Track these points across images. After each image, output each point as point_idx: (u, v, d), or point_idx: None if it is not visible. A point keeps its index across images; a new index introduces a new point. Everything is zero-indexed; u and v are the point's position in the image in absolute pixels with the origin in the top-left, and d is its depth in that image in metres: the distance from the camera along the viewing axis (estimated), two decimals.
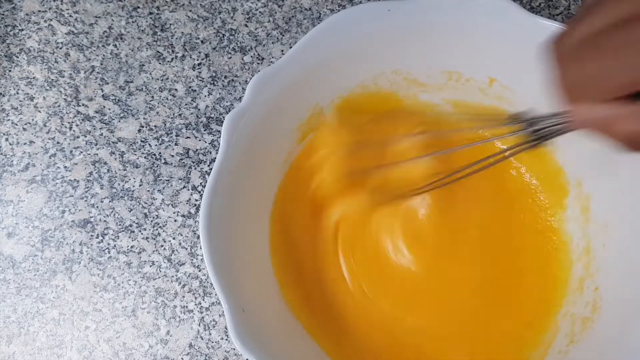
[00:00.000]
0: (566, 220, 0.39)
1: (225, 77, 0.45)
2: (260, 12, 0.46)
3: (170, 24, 0.46)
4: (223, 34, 0.46)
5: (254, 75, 0.35)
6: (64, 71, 0.45)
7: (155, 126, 0.44)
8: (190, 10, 0.46)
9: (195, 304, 0.40)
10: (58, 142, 0.44)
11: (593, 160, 0.36)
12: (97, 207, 0.42)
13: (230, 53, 0.45)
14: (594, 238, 0.37)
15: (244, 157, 0.35)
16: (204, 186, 0.42)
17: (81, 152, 0.43)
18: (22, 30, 0.46)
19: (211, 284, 0.40)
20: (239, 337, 0.30)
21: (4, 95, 0.45)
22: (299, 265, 0.40)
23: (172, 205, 0.42)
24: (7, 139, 0.44)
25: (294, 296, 0.38)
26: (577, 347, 0.34)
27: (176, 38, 0.46)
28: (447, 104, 0.42)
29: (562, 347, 0.35)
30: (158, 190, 0.42)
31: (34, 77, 0.45)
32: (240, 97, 0.44)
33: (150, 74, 0.45)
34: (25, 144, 0.44)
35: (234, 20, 0.46)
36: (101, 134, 0.44)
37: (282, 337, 0.35)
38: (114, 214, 0.42)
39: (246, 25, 0.46)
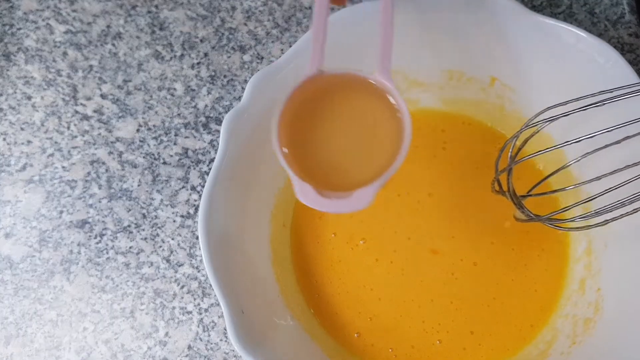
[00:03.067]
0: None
1: (225, 76, 0.45)
2: (259, 10, 0.46)
3: (169, 23, 0.46)
4: (222, 33, 0.46)
5: (254, 75, 0.35)
6: (62, 70, 0.45)
7: (153, 126, 0.44)
8: (189, 9, 0.46)
9: (194, 305, 0.40)
10: (56, 142, 0.43)
11: (594, 161, 0.36)
12: (95, 207, 0.42)
13: (229, 52, 0.45)
14: (596, 239, 0.37)
15: (243, 156, 0.35)
16: (203, 186, 0.42)
17: (79, 152, 0.43)
18: (20, 29, 0.46)
19: (210, 285, 0.40)
20: (238, 339, 0.30)
21: (1, 95, 0.44)
22: (299, 266, 0.40)
23: (170, 205, 0.42)
24: (4, 139, 0.43)
25: (294, 297, 0.38)
26: (579, 349, 0.34)
27: (175, 37, 0.46)
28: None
29: (564, 348, 0.35)
30: (157, 191, 0.42)
31: (31, 77, 0.45)
32: (239, 97, 0.44)
33: (149, 73, 0.45)
34: (22, 143, 0.43)
35: (233, 19, 0.46)
36: (99, 134, 0.44)
37: (281, 339, 0.35)
38: (112, 215, 0.42)
39: (245, 24, 0.46)
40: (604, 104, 0.30)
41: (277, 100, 0.29)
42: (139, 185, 0.42)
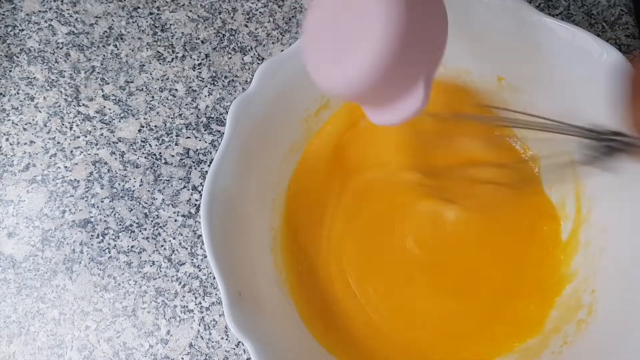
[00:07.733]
0: (564, 223, 0.39)
1: (226, 77, 0.45)
2: (260, 12, 0.46)
3: (171, 24, 0.46)
4: (223, 34, 0.46)
5: (263, 62, 0.35)
6: (65, 71, 0.45)
7: (155, 126, 0.44)
8: (191, 11, 0.46)
9: (196, 304, 0.40)
10: (58, 142, 0.44)
11: (595, 167, 0.36)
12: (97, 207, 0.42)
13: (230, 53, 0.45)
14: (591, 242, 0.37)
15: (249, 140, 0.35)
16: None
17: (81, 152, 0.44)
18: (23, 30, 0.46)
19: (211, 283, 0.40)
20: (233, 320, 0.30)
21: (4, 96, 0.45)
22: (300, 254, 0.40)
23: (172, 205, 0.42)
24: (7, 139, 0.44)
25: (292, 284, 0.38)
26: (571, 349, 0.34)
27: (176, 38, 0.46)
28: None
29: (556, 348, 0.35)
30: (158, 190, 0.43)
31: (34, 77, 0.45)
32: None
33: (151, 74, 0.45)
34: (25, 144, 0.44)
35: (234, 20, 0.46)
36: (101, 134, 0.44)
37: (278, 324, 0.35)
38: (114, 214, 0.42)
39: (246, 26, 0.46)
40: None
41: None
42: (140, 185, 0.43)
